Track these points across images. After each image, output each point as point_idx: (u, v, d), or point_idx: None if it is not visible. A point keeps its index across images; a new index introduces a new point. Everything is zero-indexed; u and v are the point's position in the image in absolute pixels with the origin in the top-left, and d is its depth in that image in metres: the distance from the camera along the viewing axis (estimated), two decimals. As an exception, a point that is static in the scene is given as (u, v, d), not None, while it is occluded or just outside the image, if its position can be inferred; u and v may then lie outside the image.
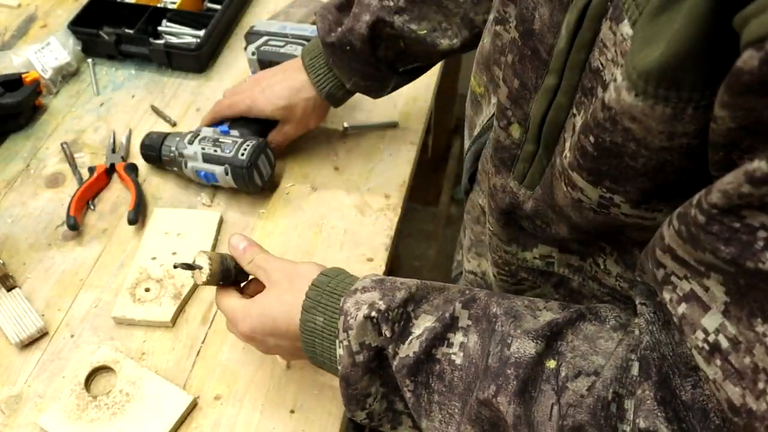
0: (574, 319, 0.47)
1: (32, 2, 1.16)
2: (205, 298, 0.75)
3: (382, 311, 0.50)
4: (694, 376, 0.39)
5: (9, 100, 0.91)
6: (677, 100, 0.34)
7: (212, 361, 0.70)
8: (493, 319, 0.48)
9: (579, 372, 0.44)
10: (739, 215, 0.31)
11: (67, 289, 0.76)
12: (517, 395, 0.44)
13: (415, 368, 0.49)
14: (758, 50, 0.27)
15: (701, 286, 0.35)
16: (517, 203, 0.55)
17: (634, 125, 0.37)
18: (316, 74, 0.81)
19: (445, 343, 0.49)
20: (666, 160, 0.38)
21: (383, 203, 0.85)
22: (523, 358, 0.45)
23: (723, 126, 0.32)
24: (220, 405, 0.67)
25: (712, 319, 0.35)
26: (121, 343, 0.71)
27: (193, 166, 0.83)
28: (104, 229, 0.83)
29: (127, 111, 0.97)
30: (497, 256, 0.61)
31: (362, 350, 0.51)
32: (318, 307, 0.55)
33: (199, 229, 0.80)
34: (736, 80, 0.29)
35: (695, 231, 0.33)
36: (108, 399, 0.66)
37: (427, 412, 0.50)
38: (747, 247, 0.31)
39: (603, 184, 0.42)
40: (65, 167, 0.90)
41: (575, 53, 0.42)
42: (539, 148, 0.50)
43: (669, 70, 0.33)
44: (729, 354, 0.34)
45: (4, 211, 0.85)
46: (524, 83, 0.49)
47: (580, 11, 0.40)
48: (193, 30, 1.05)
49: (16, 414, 0.66)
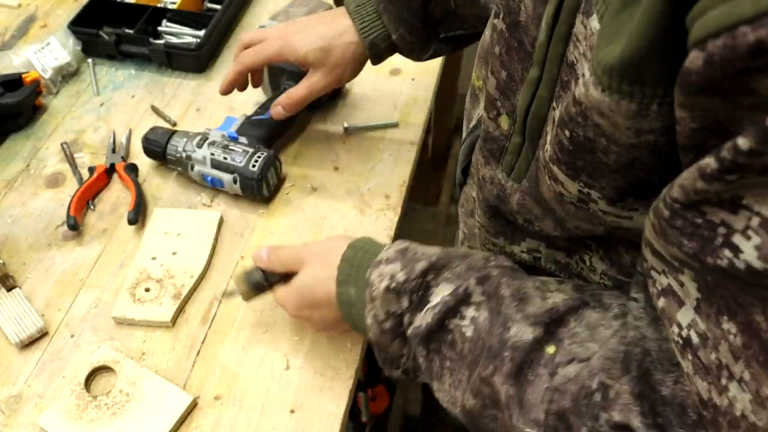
0: (577, 306, 0.48)
1: (32, 2, 1.16)
2: (205, 298, 0.75)
3: (401, 282, 0.53)
4: (676, 372, 0.39)
5: (9, 100, 0.91)
6: (641, 96, 0.34)
7: (212, 361, 0.70)
8: (501, 301, 0.50)
9: (573, 358, 0.45)
10: (700, 210, 0.31)
11: (67, 289, 0.76)
12: (512, 377, 0.46)
13: (427, 337, 0.52)
14: (701, 50, 0.27)
15: (677, 281, 0.36)
16: (504, 196, 0.55)
17: (603, 120, 0.37)
18: (363, 20, 0.75)
19: (458, 316, 0.51)
20: (635, 157, 0.38)
21: (383, 203, 0.85)
22: (519, 343, 0.46)
23: (686, 127, 0.32)
24: (220, 405, 0.67)
25: (685, 315, 0.36)
26: (121, 343, 0.71)
27: (200, 170, 0.83)
28: (104, 229, 0.83)
29: (127, 111, 0.97)
30: (486, 249, 0.61)
31: (388, 318, 0.54)
32: (349, 280, 0.57)
33: (199, 229, 0.80)
34: (686, 80, 0.29)
35: (663, 224, 0.34)
36: (108, 399, 0.66)
37: (438, 376, 0.53)
38: (708, 242, 0.31)
39: (580, 179, 0.42)
40: (65, 167, 0.90)
41: (554, 46, 0.42)
42: (525, 141, 0.50)
43: (630, 66, 0.33)
44: (698, 349, 0.35)
45: (4, 211, 0.85)
46: (511, 75, 0.49)
47: (557, 4, 0.41)
48: (193, 30, 1.05)
49: (16, 414, 0.66)
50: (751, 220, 0.29)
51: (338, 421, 0.66)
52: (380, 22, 0.74)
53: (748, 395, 0.32)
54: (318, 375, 0.69)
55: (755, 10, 0.25)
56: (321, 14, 0.79)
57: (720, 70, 0.27)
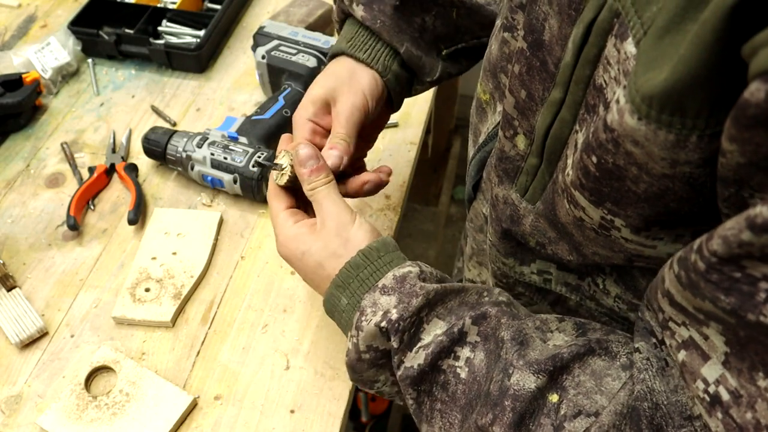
0: (582, 354, 0.45)
1: (32, 2, 1.16)
2: (205, 298, 0.75)
3: (394, 321, 0.49)
4: (688, 426, 0.38)
5: (9, 100, 0.91)
6: (681, 127, 0.32)
7: (212, 361, 0.70)
8: (500, 344, 0.47)
9: (579, 411, 0.43)
10: (739, 265, 0.30)
11: (67, 289, 0.76)
12: (512, 427, 0.44)
13: (418, 379, 0.49)
14: (765, 82, 0.26)
15: (700, 334, 0.34)
16: (517, 216, 0.53)
17: (636, 149, 0.35)
18: (363, 49, 0.65)
19: (452, 356, 0.49)
20: (668, 188, 0.36)
21: (383, 203, 0.85)
22: (521, 392, 0.44)
23: (732, 161, 0.31)
24: (220, 405, 0.67)
25: (712, 369, 0.34)
26: (121, 343, 0.71)
27: (200, 170, 0.83)
28: (104, 229, 0.83)
29: (127, 111, 0.97)
30: (496, 267, 0.61)
31: (369, 351, 0.51)
32: (347, 288, 0.54)
33: (199, 229, 0.80)
34: (743, 113, 0.28)
35: (695, 278, 0.32)
36: (108, 399, 0.66)
37: (428, 418, 0.50)
38: (748, 298, 0.30)
39: (604, 206, 0.41)
40: (65, 167, 0.90)
41: (580, 68, 0.41)
42: (542, 162, 0.49)
43: (674, 95, 0.32)
44: (730, 408, 0.33)
45: (4, 211, 0.85)
46: (531, 94, 0.48)
47: (586, 26, 0.39)
48: (193, 30, 1.05)
49: (16, 414, 0.66)
50: None
51: (338, 421, 0.66)
52: (381, 44, 0.66)
53: None
54: (318, 375, 0.69)
55: None
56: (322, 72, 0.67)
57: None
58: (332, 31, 1.07)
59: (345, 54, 0.66)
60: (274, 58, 0.91)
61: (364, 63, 0.65)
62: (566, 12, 0.42)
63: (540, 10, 0.45)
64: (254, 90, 0.99)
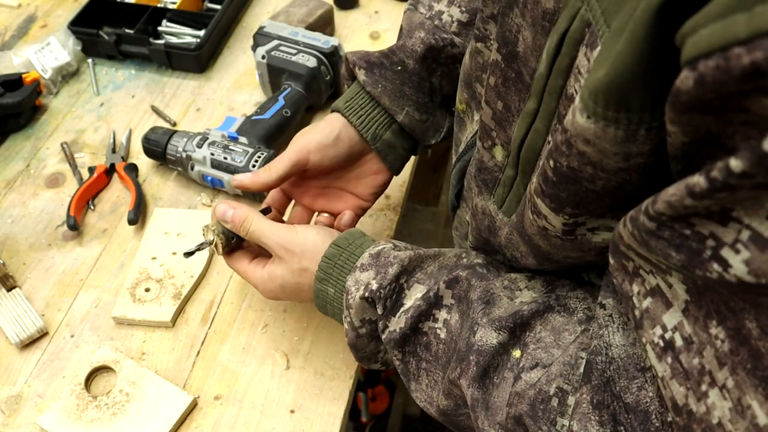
0: (542, 311, 0.49)
1: (32, 2, 1.16)
2: (205, 298, 0.75)
3: (375, 290, 0.54)
4: (641, 377, 0.39)
5: (9, 100, 0.91)
6: (627, 122, 0.33)
7: (212, 361, 0.70)
8: (470, 305, 0.51)
9: (536, 364, 0.46)
10: (689, 222, 0.30)
11: (67, 289, 0.76)
12: (476, 380, 0.48)
13: (402, 341, 0.54)
14: (692, 70, 0.26)
15: (665, 282, 0.35)
16: (494, 228, 0.54)
17: (588, 148, 0.36)
18: (358, 115, 0.67)
19: (431, 318, 0.53)
20: (625, 180, 0.37)
21: (383, 203, 0.85)
22: (484, 347, 0.48)
23: (677, 140, 0.32)
24: (220, 405, 0.67)
25: (672, 317, 0.35)
26: (121, 343, 0.71)
27: (200, 170, 0.83)
28: (104, 229, 0.83)
29: (127, 111, 0.97)
30: None
31: (363, 325, 0.56)
32: (330, 279, 0.58)
33: (199, 229, 0.80)
34: (677, 99, 0.28)
35: (646, 236, 0.33)
36: (108, 399, 0.66)
37: (415, 377, 0.55)
38: (696, 255, 0.30)
39: (564, 211, 0.41)
40: (65, 167, 0.90)
41: (553, 79, 0.41)
42: (518, 174, 0.49)
43: (614, 91, 0.32)
44: (681, 353, 0.34)
45: (4, 211, 0.85)
46: (507, 105, 0.48)
47: (560, 36, 0.39)
48: (193, 30, 1.05)
49: (16, 414, 0.66)
50: (741, 233, 0.28)
51: (338, 421, 0.66)
52: (378, 110, 0.68)
53: (728, 403, 0.31)
54: (318, 375, 0.69)
55: (749, 31, 0.23)
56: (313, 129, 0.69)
57: (712, 91, 0.26)
58: (332, 31, 1.07)
59: (340, 113, 0.68)
60: (274, 58, 0.91)
61: (355, 128, 0.67)
62: (540, 23, 0.42)
63: (513, 22, 0.45)
64: (254, 90, 0.99)
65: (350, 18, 1.11)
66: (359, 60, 0.68)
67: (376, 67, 0.67)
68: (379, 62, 0.68)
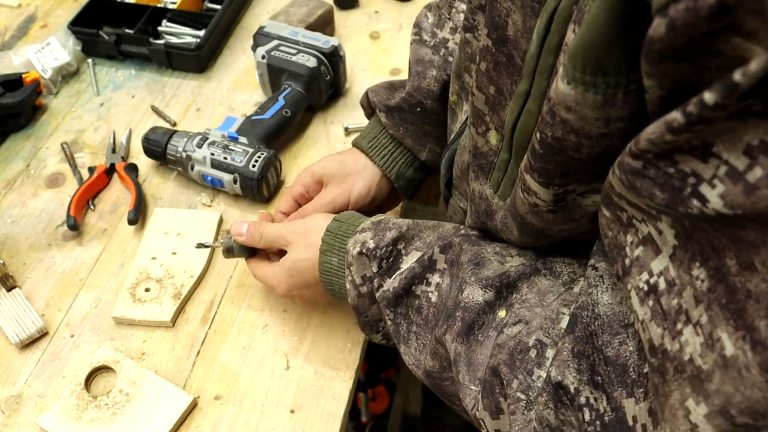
0: (528, 273, 0.50)
1: (32, 2, 1.16)
2: (205, 298, 0.75)
3: (371, 249, 0.56)
4: (623, 333, 0.40)
5: (9, 100, 0.91)
6: (605, 86, 0.34)
7: (212, 361, 0.70)
8: (460, 267, 0.52)
9: (519, 320, 0.47)
10: (672, 159, 0.31)
11: (67, 289, 0.76)
12: (461, 335, 0.49)
13: (394, 301, 0.55)
14: (663, 17, 0.27)
15: (656, 229, 0.36)
16: (490, 212, 0.55)
17: (570, 115, 0.37)
18: (381, 155, 0.73)
19: (424, 282, 0.55)
20: (608, 146, 0.38)
21: (383, 203, 0.85)
22: (470, 304, 0.49)
23: (654, 95, 0.32)
24: (220, 405, 0.67)
25: (660, 262, 0.36)
26: (121, 343, 0.71)
27: (200, 170, 0.83)
28: (104, 229, 0.83)
29: (127, 111, 0.97)
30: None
31: (365, 282, 0.57)
32: (332, 249, 0.60)
33: (199, 229, 0.80)
34: (650, 49, 0.29)
35: (632, 178, 0.34)
36: (108, 399, 0.66)
37: (405, 339, 0.56)
38: (677, 192, 0.31)
39: (553, 183, 0.42)
40: (65, 167, 0.90)
41: (544, 58, 0.42)
42: (512, 157, 0.50)
43: (590, 54, 0.34)
44: (662, 296, 0.35)
45: (4, 211, 0.85)
46: (500, 89, 0.49)
47: (549, 15, 0.41)
48: (193, 30, 1.05)
49: (16, 414, 0.66)
50: (719, 169, 0.29)
51: (338, 421, 0.66)
52: (400, 150, 0.73)
53: (700, 338, 0.32)
54: (318, 375, 0.69)
55: None
56: (340, 154, 0.76)
57: (683, 35, 0.27)
58: (332, 31, 1.07)
59: (364, 152, 0.74)
60: (274, 58, 0.91)
61: (380, 168, 0.73)
62: (529, 5, 0.44)
63: (501, 6, 0.46)
64: (254, 90, 0.99)
65: (350, 18, 1.11)
66: (379, 103, 0.72)
67: (396, 111, 0.71)
68: (399, 107, 0.71)
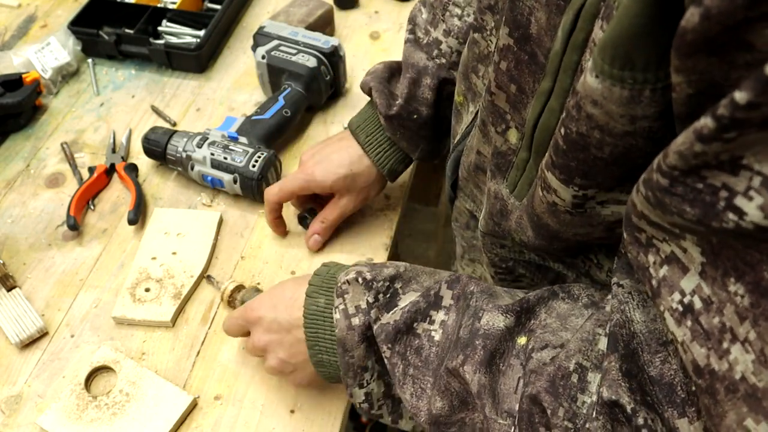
0: (546, 297, 0.48)
1: (32, 2, 1.16)
2: (205, 298, 0.75)
3: (368, 280, 0.54)
4: (663, 351, 0.39)
5: (9, 100, 0.91)
6: (632, 81, 0.34)
7: (212, 361, 0.70)
8: (470, 296, 0.50)
9: (546, 345, 0.45)
10: (700, 175, 0.30)
11: (67, 289, 0.76)
12: (483, 365, 0.46)
13: (393, 336, 0.52)
14: (698, 6, 0.27)
15: (679, 248, 0.35)
16: (506, 212, 0.55)
17: (596, 110, 0.37)
18: (376, 152, 0.76)
19: (427, 320, 0.51)
20: (631, 145, 0.38)
21: (383, 203, 0.85)
22: (491, 330, 0.47)
23: (682, 93, 0.32)
24: (220, 405, 0.67)
25: (689, 281, 0.35)
26: (121, 343, 0.71)
27: (200, 170, 0.83)
28: (104, 229, 0.83)
29: (127, 111, 0.97)
30: (493, 254, 0.61)
31: (357, 313, 0.54)
32: (320, 290, 0.57)
33: (199, 229, 0.80)
34: (682, 40, 0.29)
35: (660, 195, 0.33)
36: (108, 399, 0.66)
37: (400, 383, 0.52)
38: (710, 207, 0.30)
39: (574, 182, 0.42)
40: (65, 167, 0.90)
41: (569, 55, 0.42)
42: (531, 156, 0.49)
43: (620, 47, 0.33)
44: (700, 315, 0.34)
45: (4, 211, 0.85)
46: (521, 88, 0.49)
47: (575, 12, 0.40)
48: (193, 30, 1.05)
49: (16, 414, 0.66)
50: (752, 180, 0.28)
51: (338, 421, 0.66)
52: (394, 149, 0.77)
53: (750, 356, 0.31)
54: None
55: None
56: (338, 137, 0.79)
57: (717, 23, 0.27)
58: (332, 31, 1.07)
59: (361, 146, 0.76)
60: (274, 58, 0.91)
61: (373, 162, 0.76)
62: (554, 2, 0.43)
63: (524, 5, 0.46)
64: (254, 90, 0.99)
65: (350, 18, 1.11)
66: (381, 105, 0.74)
67: (395, 118, 0.74)
68: (397, 114, 0.73)
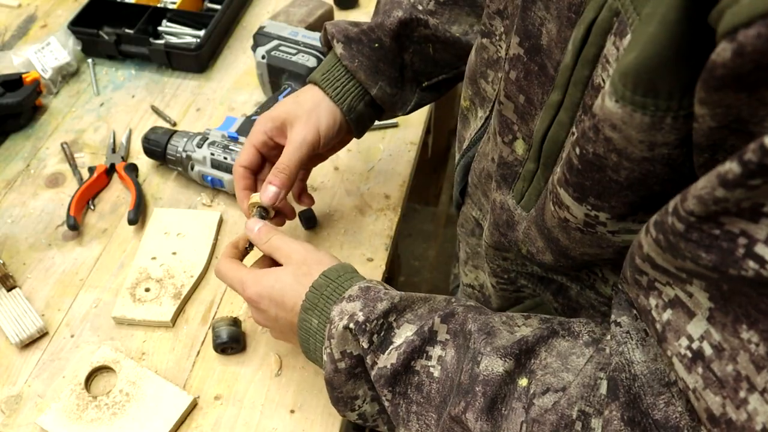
0: (546, 336, 0.47)
1: (32, 2, 1.16)
2: (205, 298, 0.75)
3: (360, 323, 0.52)
4: (667, 393, 0.38)
5: (9, 100, 0.91)
6: (654, 108, 0.33)
7: (212, 361, 0.70)
8: (468, 336, 0.48)
9: (547, 389, 0.44)
10: (718, 222, 0.30)
11: (67, 289, 0.76)
12: (485, 412, 0.45)
13: (392, 379, 0.50)
14: (731, 41, 0.26)
15: (685, 292, 0.35)
16: (512, 223, 0.54)
17: (615, 134, 0.36)
18: (333, 85, 0.70)
19: (424, 356, 0.50)
20: (649, 171, 0.37)
21: (383, 203, 0.85)
22: (491, 376, 0.45)
23: (704, 125, 0.31)
24: (220, 405, 0.67)
25: (697, 326, 0.34)
26: (121, 343, 0.71)
27: (200, 170, 0.83)
28: (104, 229, 0.83)
29: (127, 111, 0.97)
30: (495, 265, 0.61)
31: (344, 358, 0.53)
32: (315, 309, 0.56)
33: (199, 229, 0.80)
34: (711, 74, 0.28)
35: (674, 239, 0.32)
36: (108, 399, 0.66)
37: (405, 421, 0.51)
38: (728, 254, 0.30)
39: (588, 201, 0.41)
40: (65, 167, 0.90)
41: (579, 69, 0.41)
42: (539, 168, 0.49)
43: (644, 74, 0.32)
44: (712, 362, 0.33)
45: (4, 211, 0.85)
46: (530, 99, 0.48)
47: (587, 27, 0.40)
48: (193, 30, 1.05)
49: (16, 414, 0.66)
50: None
51: (338, 421, 0.66)
52: (353, 82, 0.70)
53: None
54: (318, 375, 0.69)
55: None
56: (294, 93, 0.73)
57: (750, 61, 0.26)
58: (332, 31, 1.07)
59: (317, 85, 0.70)
60: (274, 58, 0.91)
61: (331, 99, 0.69)
62: (565, 15, 0.42)
63: (536, 15, 0.45)
64: (254, 90, 0.99)
65: (350, 18, 1.11)
66: (338, 33, 0.70)
67: (354, 42, 0.69)
68: (358, 38, 0.69)
